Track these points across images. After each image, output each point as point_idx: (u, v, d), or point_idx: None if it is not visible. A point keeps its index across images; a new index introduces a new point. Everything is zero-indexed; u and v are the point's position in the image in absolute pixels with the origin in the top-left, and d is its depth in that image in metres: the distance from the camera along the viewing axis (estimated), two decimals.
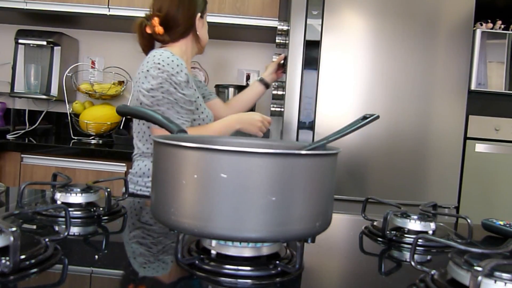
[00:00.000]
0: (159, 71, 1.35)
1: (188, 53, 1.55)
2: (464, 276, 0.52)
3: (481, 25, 1.92)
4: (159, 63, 1.36)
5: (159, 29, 1.46)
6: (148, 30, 1.47)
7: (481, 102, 2.00)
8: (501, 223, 0.91)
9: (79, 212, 0.81)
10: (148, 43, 1.52)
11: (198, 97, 1.50)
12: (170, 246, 0.70)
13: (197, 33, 1.53)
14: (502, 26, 1.94)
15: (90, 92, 2.38)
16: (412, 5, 1.76)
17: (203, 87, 1.77)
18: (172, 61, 1.37)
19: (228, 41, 2.55)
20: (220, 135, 1.45)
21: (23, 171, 2.04)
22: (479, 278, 0.48)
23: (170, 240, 0.73)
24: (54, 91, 2.40)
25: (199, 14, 1.52)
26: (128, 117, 2.05)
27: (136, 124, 1.51)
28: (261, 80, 1.84)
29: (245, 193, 0.53)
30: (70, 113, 2.33)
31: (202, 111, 1.51)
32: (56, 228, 0.77)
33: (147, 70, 1.37)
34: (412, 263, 0.59)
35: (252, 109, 2.14)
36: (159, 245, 0.72)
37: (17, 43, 2.36)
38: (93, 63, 2.56)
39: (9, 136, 2.20)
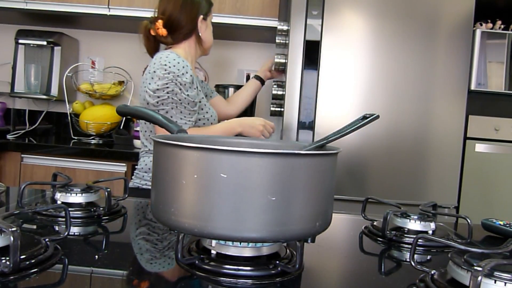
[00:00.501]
0: (165, 72, 1.40)
1: (192, 54, 1.58)
2: (464, 276, 0.53)
3: (481, 25, 1.92)
4: (165, 65, 1.40)
5: (163, 31, 1.50)
6: (152, 33, 1.51)
7: (481, 102, 2.00)
8: (501, 223, 0.91)
9: (79, 212, 0.81)
10: (153, 45, 1.56)
11: (202, 98, 1.53)
12: (170, 245, 0.70)
13: (200, 35, 1.56)
14: (502, 26, 1.94)
15: (90, 92, 2.38)
16: (412, 5, 1.75)
17: (205, 86, 1.81)
18: (178, 62, 1.42)
19: (228, 41, 2.55)
20: None
21: (23, 171, 2.04)
22: (479, 278, 0.48)
23: (170, 239, 0.73)
24: (54, 91, 2.39)
25: (201, 16, 1.54)
26: (128, 117, 2.05)
27: (143, 122, 1.55)
28: (257, 77, 1.95)
29: (245, 193, 0.53)
30: (70, 113, 2.33)
31: (207, 111, 1.54)
32: (56, 228, 0.77)
33: (154, 71, 1.42)
34: (412, 263, 0.59)
35: (252, 111, 2.14)
36: (159, 244, 0.72)
37: (17, 43, 2.36)
38: (93, 63, 2.56)
39: (9, 136, 2.20)
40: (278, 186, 0.54)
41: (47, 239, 0.61)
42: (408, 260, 0.62)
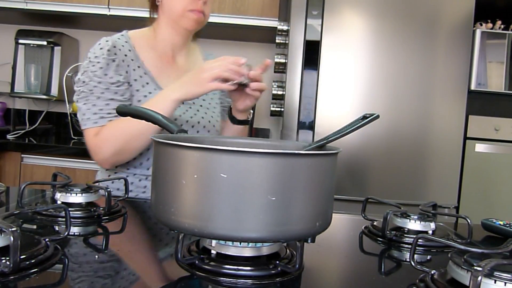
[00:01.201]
0: (85, 61, 1.21)
1: (160, 34, 1.25)
2: (464, 276, 0.53)
3: (481, 25, 1.92)
4: (89, 51, 1.21)
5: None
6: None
7: (481, 102, 2.00)
8: (501, 223, 0.91)
9: (79, 212, 0.81)
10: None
11: (135, 80, 1.19)
12: (170, 245, 0.70)
13: (157, 2, 1.22)
14: (502, 26, 1.94)
15: None
16: (412, 5, 1.76)
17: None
18: (101, 47, 1.18)
19: (228, 41, 2.55)
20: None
21: (23, 171, 2.03)
22: (479, 278, 0.48)
23: (170, 239, 0.73)
24: (54, 91, 2.39)
25: None
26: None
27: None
28: (233, 119, 1.25)
29: (245, 193, 0.53)
30: (70, 113, 2.33)
31: (146, 94, 1.18)
32: (56, 228, 0.77)
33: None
34: (412, 263, 0.59)
35: (252, 112, 2.12)
36: (159, 243, 0.72)
37: (17, 43, 2.36)
38: None
39: (9, 136, 2.20)
40: (278, 186, 0.54)
41: (47, 239, 0.61)
42: (408, 260, 0.62)
